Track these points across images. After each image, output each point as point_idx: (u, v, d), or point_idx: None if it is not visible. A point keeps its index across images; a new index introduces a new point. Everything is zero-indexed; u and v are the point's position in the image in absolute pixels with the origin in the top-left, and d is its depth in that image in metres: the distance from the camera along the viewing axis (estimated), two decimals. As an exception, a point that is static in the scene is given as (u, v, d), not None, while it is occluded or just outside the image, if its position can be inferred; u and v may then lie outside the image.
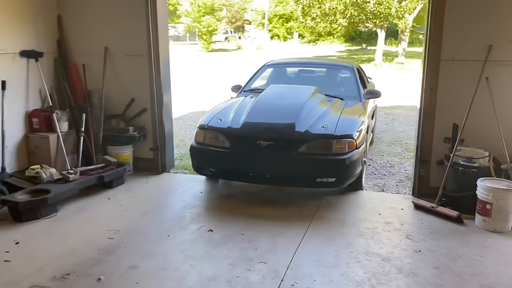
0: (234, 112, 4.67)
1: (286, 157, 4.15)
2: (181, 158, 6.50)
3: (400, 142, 7.62)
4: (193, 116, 10.40)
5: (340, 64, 6.98)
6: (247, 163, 4.33)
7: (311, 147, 4.16)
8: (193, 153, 4.58)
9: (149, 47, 5.15)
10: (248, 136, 4.26)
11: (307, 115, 4.43)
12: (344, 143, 4.19)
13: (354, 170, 4.30)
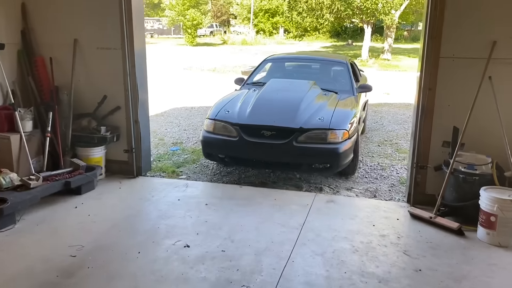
0: (240, 105, 5.26)
1: (286, 146, 4.67)
2: (159, 159, 6.07)
3: (390, 142, 7.30)
4: (175, 112, 9.94)
5: (335, 60, 7.36)
6: (252, 151, 4.83)
7: (309, 137, 4.72)
8: (204, 141, 5.15)
9: (123, 40, 4.70)
10: (253, 126, 4.83)
11: (306, 108, 5.03)
12: (338, 134, 4.76)
13: (347, 157, 4.86)
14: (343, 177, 5.34)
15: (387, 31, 24.62)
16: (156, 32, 53.75)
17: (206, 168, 5.70)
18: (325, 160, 4.79)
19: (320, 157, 4.78)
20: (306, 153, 4.70)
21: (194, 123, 8.74)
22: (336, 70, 6.84)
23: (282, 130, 4.72)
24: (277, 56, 7.79)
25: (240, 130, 4.85)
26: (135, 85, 4.83)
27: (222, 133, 4.99)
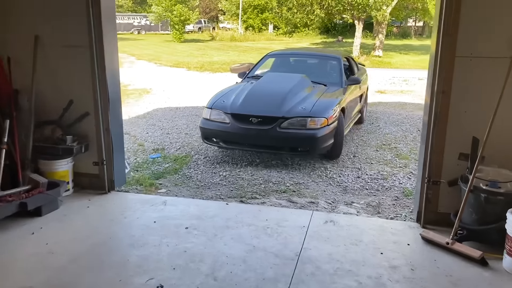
0: (235, 95, 6.06)
1: (271, 131, 5.45)
2: (137, 169, 5.48)
3: (389, 146, 6.79)
4: (158, 113, 9.32)
5: (329, 55, 7.95)
6: (242, 135, 5.61)
7: (290, 123, 5.49)
8: (202, 127, 5.98)
9: (90, 36, 4.09)
10: (243, 114, 5.62)
11: (291, 98, 5.81)
12: (317, 121, 5.49)
13: (325, 142, 5.57)
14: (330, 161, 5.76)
15: (378, 28, 24.15)
16: (143, 29, 52.78)
17: (189, 179, 5.12)
18: (304, 143, 5.53)
19: (300, 141, 5.53)
20: (288, 138, 5.49)
21: (178, 125, 8.14)
22: (330, 64, 7.46)
23: (268, 117, 5.53)
24: (277, 52, 8.76)
25: (232, 118, 5.67)
26: (106, 88, 4.22)
27: (217, 120, 5.80)
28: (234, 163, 5.83)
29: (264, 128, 5.49)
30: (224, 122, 5.73)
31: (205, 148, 6.52)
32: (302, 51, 10.48)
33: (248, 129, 5.56)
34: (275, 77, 7.04)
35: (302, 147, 5.55)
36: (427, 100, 3.73)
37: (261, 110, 5.65)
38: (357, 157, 6.20)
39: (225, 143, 5.83)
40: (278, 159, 5.97)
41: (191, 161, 5.87)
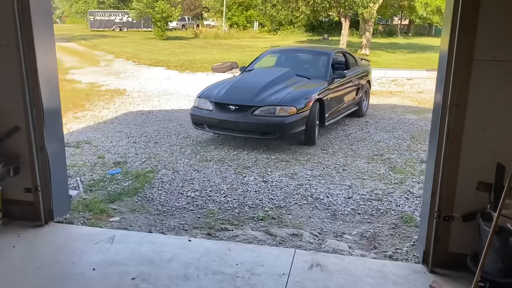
0: (222, 86, 6.89)
1: (245, 117, 6.16)
2: (91, 188, 4.66)
3: (382, 157, 6.08)
4: (128, 118, 8.48)
5: (320, 51, 8.65)
6: (222, 120, 6.30)
7: (262, 111, 6.16)
8: (191, 113, 6.79)
9: (16, 33, 3.27)
10: (223, 102, 6.40)
11: (268, 89, 6.51)
12: (286, 109, 6.13)
13: (294, 128, 6.17)
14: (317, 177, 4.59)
15: (364, 25, 23.56)
16: (125, 26, 51.54)
17: (150, 203, 4.33)
18: (273, 129, 6.13)
19: (270, 127, 6.16)
20: (259, 123, 6.18)
21: (148, 132, 7.32)
22: (319, 59, 8.00)
23: (243, 106, 6.26)
24: (275, 48, 10.50)
25: (214, 105, 6.45)
26: (39, 97, 3.40)
27: (203, 108, 6.61)
28: (206, 178, 5.06)
29: (240, 115, 6.24)
30: (208, 109, 6.52)
31: (174, 161, 5.73)
32: (296, 47, 11.95)
33: (227, 115, 6.32)
34: (260, 71, 7.92)
35: (272, 132, 6.18)
36: (435, 114, 3.01)
37: (238, 99, 6.43)
38: (346, 170, 5.48)
39: (210, 127, 6.59)
40: (257, 174, 5.22)
41: (155, 177, 5.07)
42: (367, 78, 9.09)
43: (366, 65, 9.46)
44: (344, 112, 7.92)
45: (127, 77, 14.78)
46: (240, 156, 5.99)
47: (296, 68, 7.68)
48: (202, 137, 7.07)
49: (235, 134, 6.48)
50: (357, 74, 8.47)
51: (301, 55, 8.78)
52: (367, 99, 9.10)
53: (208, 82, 13.96)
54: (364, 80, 8.80)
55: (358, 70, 8.62)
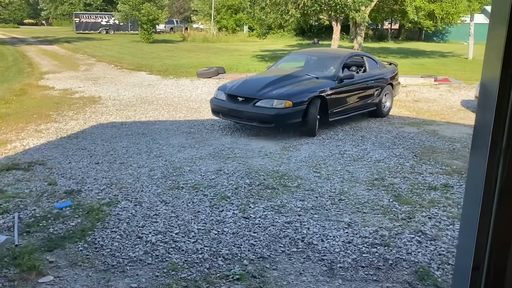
0: (238, 81, 8.14)
1: (248, 107, 7.14)
2: (29, 229, 3.73)
3: (383, 182, 5.23)
4: (97, 131, 7.54)
5: (334, 54, 9.26)
6: (231, 109, 7.34)
7: (262, 103, 7.07)
8: (211, 103, 7.86)
9: None
10: (233, 94, 7.43)
11: (273, 85, 7.44)
12: (282, 103, 6.98)
13: (288, 120, 7.07)
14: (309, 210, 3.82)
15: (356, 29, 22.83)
16: (112, 28, 50.49)
17: (97, 252, 3.42)
18: (270, 119, 6.91)
19: (267, 117, 6.91)
20: (259, 113, 6.93)
21: (115, 149, 6.40)
22: (332, 61, 8.49)
23: (247, 98, 7.14)
24: (297, 51, 11.78)
25: (227, 96, 7.40)
26: None
27: (219, 98, 7.55)
28: (175, 213, 4.16)
29: (245, 105, 7.15)
30: (222, 100, 7.51)
31: (139, 188, 4.83)
32: (316, 50, 13.04)
33: (236, 105, 7.26)
34: (275, 69, 8.95)
35: (269, 122, 7.00)
36: (474, 152, 2.14)
37: (244, 92, 7.34)
38: (343, 201, 4.62)
39: (223, 115, 7.55)
40: (237, 208, 4.33)
41: (112, 213, 4.16)
42: (391, 81, 9.26)
43: (391, 69, 9.63)
44: (354, 111, 8.36)
45: (105, 83, 13.81)
46: (218, 181, 5.10)
47: (310, 68, 8.52)
48: (178, 155, 6.17)
49: (241, 122, 7.49)
50: (374, 76, 8.75)
51: (318, 57, 9.36)
52: (389, 101, 9.27)
53: (192, 88, 13.12)
54: (385, 83, 9.03)
55: (376, 73, 8.90)
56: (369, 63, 8.97)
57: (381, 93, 8.89)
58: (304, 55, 9.86)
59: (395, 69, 9.78)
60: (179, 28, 52.35)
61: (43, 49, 28.04)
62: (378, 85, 8.78)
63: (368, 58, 9.16)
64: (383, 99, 9.00)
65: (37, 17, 73.07)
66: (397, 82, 9.73)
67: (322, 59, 9.05)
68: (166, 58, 22.63)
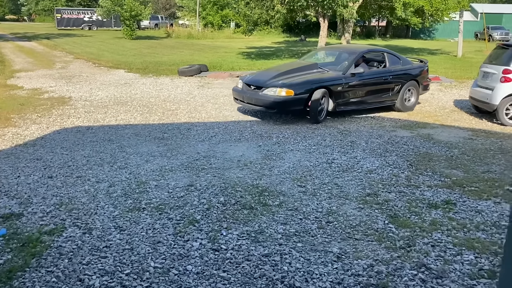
0: (256, 72, 10.07)
1: (257, 94, 8.11)
2: None
3: (376, 199, 4.59)
4: (58, 138, 6.78)
5: (350, 50, 9.57)
6: (245, 96, 8.34)
7: (268, 91, 7.99)
8: (232, 90, 8.95)
9: None
10: (247, 83, 8.50)
11: (283, 75, 8.35)
12: (283, 91, 7.84)
13: (289, 106, 7.97)
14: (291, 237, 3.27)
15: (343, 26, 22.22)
16: (95, 24, 49.20)
17: (24, 304, 2.70)
18: (273, 105, 7.88)
19: (271, 103, 7.89)
20: (265, 99, 7.96)
21: (75, 160, 5.66)
22: (348, 56, 8.94)
23: (257, 86, 8.24)
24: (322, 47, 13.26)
25: (243, 84, 8.56)
26: None
27: (238, 86, 8.72)
28: (130, 244, 3.46)
29: (255, 93, 8.14)
30: (240, 88, 8.55)
31: (93, 210, 4.11)
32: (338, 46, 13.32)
33: (249, 92, 8.26)
34: (291, 63, 10.93)
35: (272, 107, 7.91)
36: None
37: (256, 82, 8.34)
38: (331, 224, 3.97)
39: (240, 101, 8.54)
40: (206, 236, 3.64)
41: (53, 244, 3.44)
42: (415, 78, 9.45)
43: (417, 66, 9.83)
44: (367, 104, 8.84)
45: (79, 82, 12.98)
46: (187, 200, 4.40)
47: (326, 62, 9.35)
48: (145, 166, 5.45)
49: (252, 107, 8.30)
50: (394, 72, 9.03)
51: (336, 52, 9.88)
52: (414, 97, 9.48)
53: (171, 88, 12.34)
54: (408, 79, 9.27)
55: (397, 69, 9.15)
56: (390, 59, 9.25)
57: (402, 88, 9.17)
58: (326, 50, 11.01)
59: (422, 66, 9.84)
60: (164, 25, 51.26)
61: (20, 45, 26.93)
62: (398, 80, 9.09)
63: (389, 54, 9.39)
64: (406, 95, 9.31)
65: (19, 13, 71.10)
66: (425, 79, 9.78)
67: (338, 54, 9.56)
68: (147, 55, 21.79)
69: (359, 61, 8.97)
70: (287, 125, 7.93)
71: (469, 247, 3.60)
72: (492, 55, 8.97)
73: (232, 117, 8.50)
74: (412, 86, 9.40)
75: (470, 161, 6.01)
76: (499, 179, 5.31)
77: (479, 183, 5.15)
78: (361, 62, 9.03)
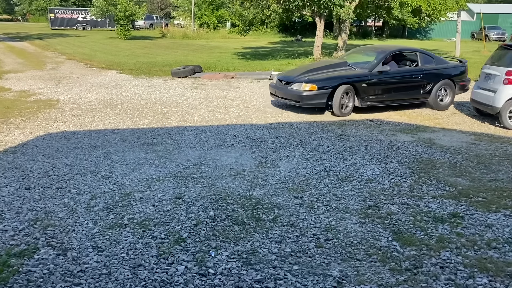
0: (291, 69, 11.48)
1: (286, 89, 8.85)
2: None
3: (378, 212, 4.27)
4: (41, 144, 6.43)
5: (381, 49, 9.91)
6: (277, 90, 9.15)
7: (295, 86, 8.67)
8: (270, 86, 9.62)
9: None
10: (280, 78, 9.33)
11: (310, 72, 9.06)
12: (307, 86, 8.47)
13: (311, 100, 8.52)
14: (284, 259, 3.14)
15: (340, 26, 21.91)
16: (89, 24, 48.70)
17: None
18: (298, 98, 8.59)
19: (296, 96, 8.61)
20: (292, 93, 8.69)
21: (57, 169, 5.30)
22: (377, 55, 9.28)
23: (286, 81, 9.01)
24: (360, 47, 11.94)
25: (277, 80, 9.40)
26: None
27: (273, 81, 9.64)
28: (108, 267, 3.11)
29: (284, 87, 8.91)
30: (274, 83, 9.40)
31: (71, 226, 3.76)
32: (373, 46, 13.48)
33: (280, 87, 9.04)
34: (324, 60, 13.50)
35: (297, 101, 8.59)
36: None
37: (286, 77, 9.16)
38: (331, 242, 3.64)
39: (274, 96, 9.35)
40: (193, 258, 3.30)
41: (22, 269, 3.09)
42: (451, 77, 9.59)
43: (453, 65, 10.00)
44: (393, 101, 9.18)
45: (69, 83, 12.60)
46: (174, 215, 4.06)
47: (357, 60, 9.72)
48: (130, 176, 5.10)
49: (283, 100, 8.99)
50: (425, 71, 9.25)
51: (370, 51, 10.32)
52: (449, 96, 9.60)
53: (164, 89, 11.97)
54: (441, 78, 9.44)
55: (429, 68, 9.36)
56: (423, 59, 9.48)
57: (434, 87, 9.38)
58: (362, 49, 11.24)
59: (459, 66, 10.01)
60: (159, 24, 50.86)
61: (11, 45, 26.47)
62: (429, 79, 9.31)
63: (422, 53, 9.62)
64: (440, 94, 9.49)
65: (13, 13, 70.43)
66: (462, 79, 9.86)
67: (370, 53, 9.96)
68: (141, 55, 21.42)
69: (388, 59, 9.24)
70: (282, 129, 7.60)
71: (481, 268, 3.28)
72: (494, 56, 8.67)
73: (225, 121, 8.16)
74: (447, 85, 9.54)
75: (475, 168, 5.70)
76: (507, 188, 5.00)
77: (487, 193, 4.84)
78: (390, 61, 9.29)
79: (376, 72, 8.78)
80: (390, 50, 9.53)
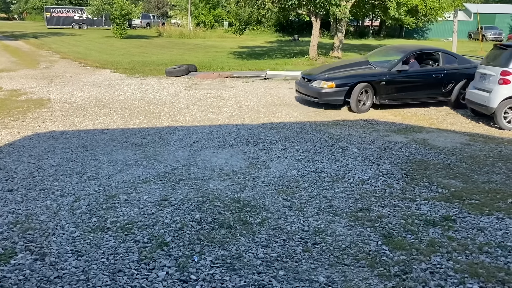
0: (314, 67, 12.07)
1: (308, 86, 9.25)
2: None
3: (369, 214, 4.17)
4: (28, 144, 6.30)
5: (402, 48, 10.30)
6: (300, 86, 9.60)
7: (315, 83, 9.09)
8: (295, 83, 9.98)
9: None
10: (303, 76, 9.76)
11: (331, 70, 9.51)
12: (326, 84, 8.87)
13: (329, 97, 8.90)
14: None
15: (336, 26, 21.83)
16: (85, 23, 48.43)
17: None
18: (317, 95, 8.99)
19: (315, 93, 9.01)
20: (312, 90, 9.09)
21: (42, 170, 5.19)
22: (398, 54, 9.51)
23: (308, 78, 9.41)
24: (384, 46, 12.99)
25: (301, 77, 9.82)
26: None
27: (299, 79, 9.96)
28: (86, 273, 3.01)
29: (307, 84, 9.32)
30: (299, 80, 9.85)
31: (51, 229, 3.65)
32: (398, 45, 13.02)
33: (304, 84, 9.45)
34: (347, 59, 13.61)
35: (316, 97, 9.00)
36: None
37: (308, 75, 9.62)
38: (318, 246, 3.54)
39: (298, 92, 9.79)
40: (175, 262, 3.19)
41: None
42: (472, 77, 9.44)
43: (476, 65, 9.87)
44: (413, 100, 9.39)
45: (62, 82, 12.46)
46: (159, 218, 3.95)
47: (378, 59, 9.97)
48: (117, 177, 4.99)
49: (305, 96, 9.44)
50: (446, 71, 9.41)
51: (392, 50, 10.61)
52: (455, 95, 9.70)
53: (157, 89, 11.85)
54: (463, 77, 9.49)
55: (451, 68, 9.52)
56: (445, 58, 9.64)
57: (456, 86, 9.51)
58: (386, 49, 11.52)
59: None
60: (156, 23, 50.67)
61: (6, 44, 26.27)
62: (451, 79, 9.45)
63: (444, 53, 9.80)
64: (455, 92, 9.61)
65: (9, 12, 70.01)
66: None
67: (392, 53, 10.22)
68: (136, 54, 21.27)
69: (410, 59, 9.42)
70: (275, 129, 7.49)
71: (472, 274, 3.19)
72: (490, 56, 8.59)
73: (218, 121, 8.05)
74: None
75: (469, 169, 5.62)
76: (501, 190, 4.92)
77: (480, 195, 4.75)
78: (411, 60, 9.46)
79: (395, 71, 9.00)
80: (410, 50, 9.72)
